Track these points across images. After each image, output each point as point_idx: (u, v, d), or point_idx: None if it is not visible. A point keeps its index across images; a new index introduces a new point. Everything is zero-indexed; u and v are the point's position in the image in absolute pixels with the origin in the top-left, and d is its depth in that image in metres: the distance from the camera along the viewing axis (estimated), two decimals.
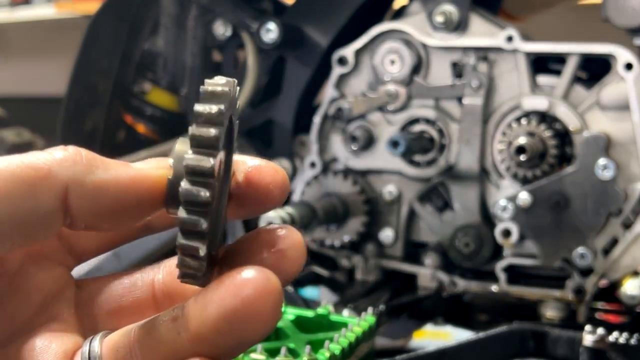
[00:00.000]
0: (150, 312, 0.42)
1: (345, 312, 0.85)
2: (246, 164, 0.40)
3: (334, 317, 0.76)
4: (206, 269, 0.37)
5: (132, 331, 0.39)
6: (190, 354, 0.37)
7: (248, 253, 0.39)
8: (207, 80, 0.37)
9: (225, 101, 0.37)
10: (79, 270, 0.44)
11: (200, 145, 0.36)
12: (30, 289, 0.40)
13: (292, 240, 0.39)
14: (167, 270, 0.42)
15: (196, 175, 0.35)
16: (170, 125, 1.21)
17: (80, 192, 0.36)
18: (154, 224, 0.43)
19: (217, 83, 0.37)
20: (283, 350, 0.66)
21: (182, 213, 0.36)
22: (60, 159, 0.36)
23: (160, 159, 0.40)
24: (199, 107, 0.36)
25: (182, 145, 0.37)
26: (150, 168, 0.39)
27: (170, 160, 0.38)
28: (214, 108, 0.36)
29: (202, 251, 0.36)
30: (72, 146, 0.37)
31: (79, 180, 0.36)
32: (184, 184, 0.35)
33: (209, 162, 0.35)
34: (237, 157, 0.40)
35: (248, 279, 0.36)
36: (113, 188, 0.37)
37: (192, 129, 0.36)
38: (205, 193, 0.35)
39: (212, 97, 0.37)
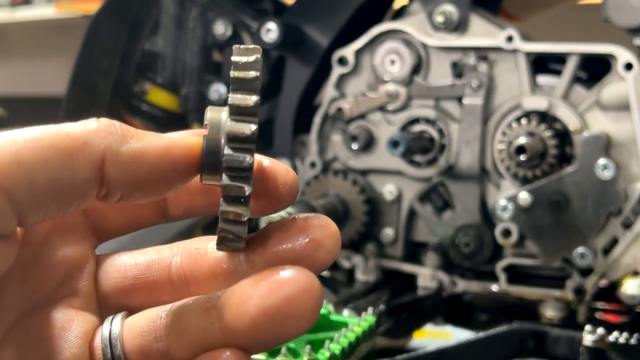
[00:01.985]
0: (166, 295, 0.42)
1: (346, 312, 0.85)
2: (259, 162, 0.40)
3: (334, 317, 0.76)
4: (246, 235, 0.38)
5: (159, 316, 0.39)
6: (222, 344, 0.38)
7: (281, 238, 0.39)
8: (238, 47, 0.38)
9: (259, 68, 0.38)
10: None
11: (240, 112, 0.37)
12: (55, 261, 0.40)
13: (329, 230, 0.39)
14: (185, 254, 0.42)
15: (239, 141, 0.36)
16: (171, 125, 1.21)
17: (116, 161, 0.36)
18: (171, 212, 0.44)
19: (250, 50, 0.38)
20: (283, 350, 0.66)
21: (225, 179, 0.36)
22: (96, 128, 0.36)
23: (192, 130, 0.40)
24: (235, 73, 0.37)
25: (215, 113, 0.38)
26: (184, 136, 0.39)
27: (205, 128, 0.38)
28: (251, 74, 0.37)
29: (245, 216, 0.37)
30: (105, 118, 0.37)
31: (115, 150, 0.36)
32: (227, 150, 0.36)
33: (249, 128, 0.37)
34: None
35: (290, 278, 0.36)
36: (149, 156, 0.37)
37: (232, 97, 0.37)
38: (249, 158, 0.36)
39: (247, 65, 0.37)
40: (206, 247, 0.42)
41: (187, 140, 0.38)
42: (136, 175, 0.37)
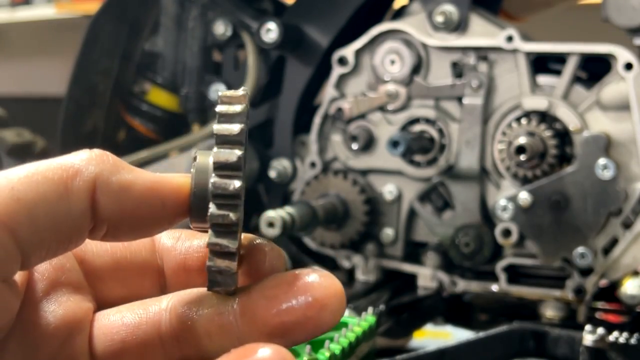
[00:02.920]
0: (156, 355, 0.40)
1: (346, 312, 0.85)
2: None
3: None
4: (235, 274, 0.38)
5: None
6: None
7: (282, 296, 0.37)
8: (224, 95, 0.38)
9: (244, 119, 0.38)
10: None
11: (224, 167, 0.37)
12: (56, 322, 0.39)
13: (334, 289, 0.37)
14: (175, 312, 0.40)
15: (223, 197, 0.36)
16: (171, 125, 1.21)
17: (106, 189, 0.36)
18: (170, 289, 0.43)
19: (235, 98, 0.38)
20: None
21: (211, 235, 0.36)
22: (88, 158, 0.36)
23: (182, 175, 0.39)
24: (219, 128, 0.37)
25: (204, 157, 0.38)
26: (174, 176, 0.38)
27: (192, 171, 0.38)
28: (235, 128, 0.37)
29: (232, 270, 0.37)
30: (97, 149, 0.37)
31: (105, 177, 0.36)
32: (212, 207, 0.36)
33: (233, 184, 0.36)
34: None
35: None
36: (138, 188, 0.37)
37: (216, 152, 0.37)
38: (233, 215, 0.36)
39: (232, 116, 0.38)
40: (198, 300, 0.40)
41: (177, 180, 0.38)
42: (124, 205, 0.36)
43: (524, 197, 0.94)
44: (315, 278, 0.37)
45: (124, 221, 0.37)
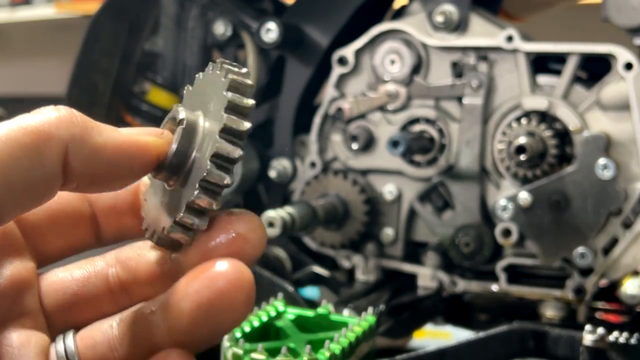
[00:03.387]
0: (108, 306, 0.42)
1: (346, 312, 0.85)
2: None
3: (334, 317, 0.76)
4: (194, 234, 0.39)
5: (110, 326, 0.40)
6: (168, 345, 0.39)
7: (208, 236, 0.39)
8: (229, 68, 0.40)
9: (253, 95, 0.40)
10: None
11: (232, 134, 0.38)
12: (4, 282, 0.40)
13: (253, 224, 0.40)
14: (120, 264, 0.43)
15: (224, 160, 0.38)
16: None
17: (79, 154, 0.37)
18: (104, 235, 0.44)
19: (244, 74, 0.40)
20: (283, 349, 0.66)
21: (211, 167, 0.38)
22: (57, 119, 0.37)
23: (148, 129, 0.40)
24: (232, 96, 0.39)
25: (191, 116, 0.40)
26: (141, 134, 0.39)
27: (171, 125, 0.40)
28: (249, 101, 0.39)
29: (213, 207, 0.38)
30: (63, 106, 0.38)
31: (77, 143, 0.37)
32: (210, 165, 0.38)
33: (238, 152, 0.38)
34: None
35: (221, 272, 0.37)
36: (109, 151, 0.38)
37: (227, 117, 0.38)
38: (228, 179, 0.38)
39: (244, 90, 0.39)
40: (138, 253, 0.42)
41: (146, 139, 0.39)
42: (95, 169, 0.38)
43: (524, 197, 0.94)
44: (237, 216, 0.39)
45: (94, 180, 0.38)
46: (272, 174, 1.07)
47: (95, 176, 0.38)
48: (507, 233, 0.96)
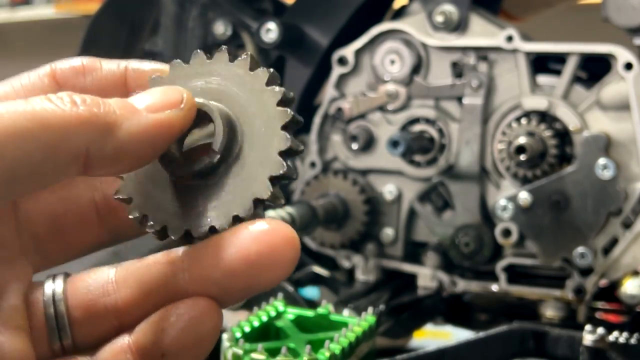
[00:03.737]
0: (94, 228, 0.42)
1: (346, 312, 0.85)
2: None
3: (334, 317, 0.76)
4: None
5: (108, 271, 0.40)
6: (185, 295, 0.37)
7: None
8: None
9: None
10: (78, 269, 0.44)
11: (287, 101, 0.38)
12: None
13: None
14: (105, 187, 0.42)
15: (292, 155, 0.38)
16: None
17: (99, 154, 0.35)
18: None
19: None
20: (283, 349, 0.66)
21: (293, 140, 0.38)
22: (77, 119, 0.35)
23: (167, 89, 0.39)
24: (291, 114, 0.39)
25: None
26: (163, 105, 0.38)
27: (216, 117, 0.38)
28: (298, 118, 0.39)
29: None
30: (82, 98, 0.35)
31: (97, 143, 0.35)
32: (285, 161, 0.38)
33: (300, 146, 0.39)
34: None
35: (274, 228, 0.36)
36: (134, 142, 0.36)
37: (296, 116, 0.38)
38: (302, 147, 0.39)
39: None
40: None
41: (169, 117, 0.37)
42: (118, 163, 0.36)
43: (524, 197, 0.94)
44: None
45: (116, 170, 0.37)
46: None
47: (119, 167, 0.37)
48: (507, 233, 0.96)
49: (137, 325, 0.38)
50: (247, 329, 0.71)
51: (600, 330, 0.80)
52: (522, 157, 0.93)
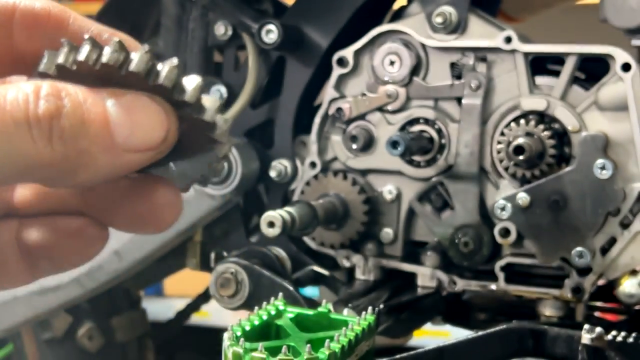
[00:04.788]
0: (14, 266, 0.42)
1: (345, 311, 0.86)
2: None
3: (334, 316, 0.77)
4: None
5: None
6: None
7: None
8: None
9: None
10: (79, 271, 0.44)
11: None
12: None
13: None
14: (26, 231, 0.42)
15: None
16: None
17: (58, 184, 0.37)
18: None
19: None
20: (283, 348, 0.67)
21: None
22: (48, 158, 0.34)
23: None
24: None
25: None
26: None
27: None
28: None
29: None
30: (61, 134, 0.35)
31: (59, 181, 0.36)
32: None
33: None
34: None
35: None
36: (96, 181, 0.37)
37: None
38: None
39: None
40: None
41: (149, 159, 0.38)
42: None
43: (523, 197, 0.94)
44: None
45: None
46: (272, 174, 1.07)
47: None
48: (505, 233, 0.96)
49: None
50: (248, 328, 0.72)
51: (599, 329, 0.80)
52: (521, 158, 0.93)
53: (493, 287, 0.98)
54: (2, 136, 0.33)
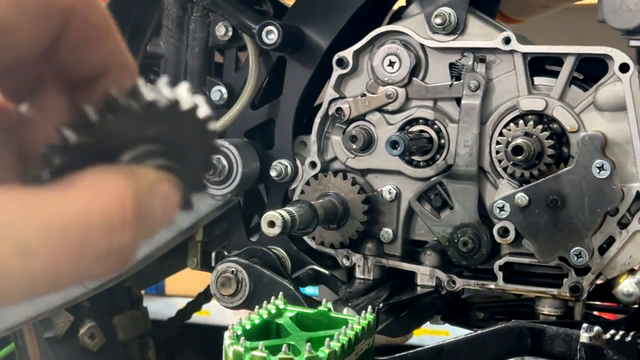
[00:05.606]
0: None
1: (345, 310, 0.86)
2: None
3: (334, 315, 0.77)
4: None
5: None
6: None
7: None
8: None
9: None
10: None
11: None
12: None
13: None
14: None
15: None
16: None
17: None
18: None
19: None
20: (284, 347, 0.67)
21: None
22: None
23: None
24: None
25: None
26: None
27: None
28: None
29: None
30: None
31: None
32: None
33: None
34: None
35: None
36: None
37: None
38: None
39: None
40: None
41: None
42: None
43: (521, 196, 0.94)
44: None
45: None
46: (273, 174, 1.08)
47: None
48: (504, 232, 0.97)
49: None
50: (248, 327, 0.72)
51: (597, 328, 0.81)
52: (520, 158, 0.93)
53: (492, 286, 0.99)
54: None
